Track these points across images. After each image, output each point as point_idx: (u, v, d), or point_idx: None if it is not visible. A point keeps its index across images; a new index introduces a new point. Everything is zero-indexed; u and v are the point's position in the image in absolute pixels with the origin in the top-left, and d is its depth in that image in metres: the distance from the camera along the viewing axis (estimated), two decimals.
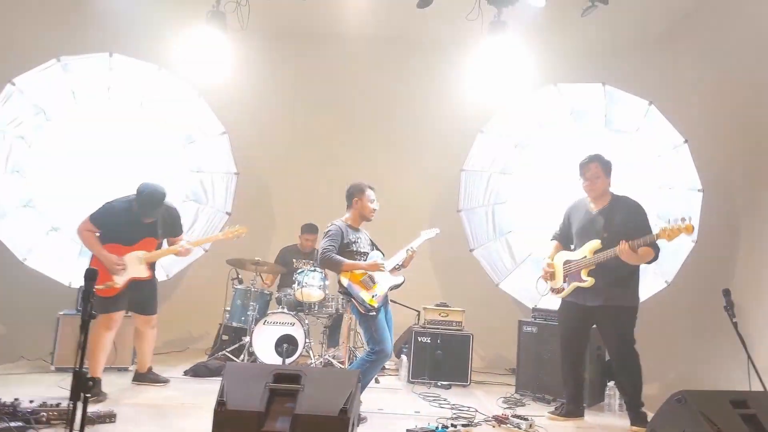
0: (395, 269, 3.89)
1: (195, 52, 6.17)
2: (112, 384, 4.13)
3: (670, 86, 5.95)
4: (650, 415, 3.27)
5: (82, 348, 2.13)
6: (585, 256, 3.91)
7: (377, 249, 4.01)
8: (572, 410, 3.99)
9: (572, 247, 4.12)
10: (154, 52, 5.69)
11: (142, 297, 4.09)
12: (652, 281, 5.13)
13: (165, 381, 4.33)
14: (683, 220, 3.63)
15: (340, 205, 4.19)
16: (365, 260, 3.84)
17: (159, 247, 4.14)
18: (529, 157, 5.69)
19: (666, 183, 5.33)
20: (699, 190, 5.04)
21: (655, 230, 3.78)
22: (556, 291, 4.08)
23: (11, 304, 5.36)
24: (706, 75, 5.81)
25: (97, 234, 3.96)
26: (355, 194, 3.96)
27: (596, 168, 3.96)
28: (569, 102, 5.44)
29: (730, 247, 5.83)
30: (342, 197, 4.05)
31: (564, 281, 4.02)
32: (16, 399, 3.01)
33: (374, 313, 3.72)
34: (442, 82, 6.53)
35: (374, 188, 4.01)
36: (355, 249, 3.84)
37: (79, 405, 2.06)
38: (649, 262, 3.94)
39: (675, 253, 5.16)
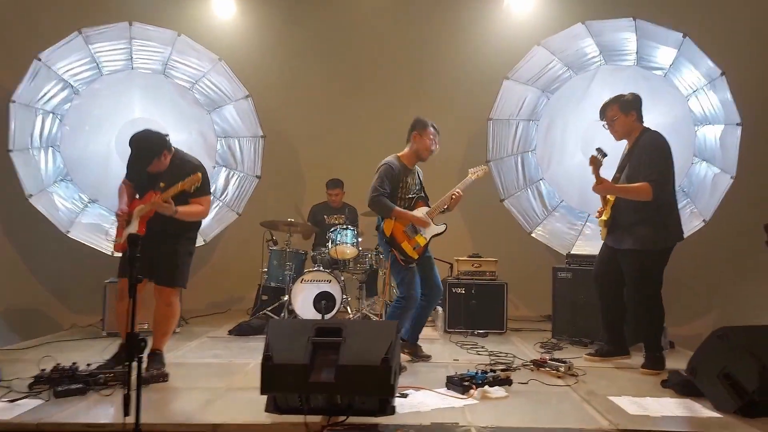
0: (440, 213, 3.88)
1: (213, 17, 6.19)
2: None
3: (705, 15, 5.65)
4: (689, 355, 3.25)
5: (132, 311, 2.22)
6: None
7: (424, 194, 3.97)
8: (610, 351, 3.96)
9: None
10: (172, 20, 5.69)
11: (153, 261, 3.35)
12: (689, 220, 5.03)
13: (156, 376, 3.34)
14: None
15: (367, 160, 4.18)
16: (408, 207, 3.82)
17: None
18: (558, 101, 5.53)
19: (702, 119, 5.14)
20: (738, 124, 4.85)
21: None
22: (601, 234, 3.98)
23: (60, 275, 5.62)
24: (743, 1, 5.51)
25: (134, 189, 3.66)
26: (416, 127, 3.83)
27: (614, 110, 3.82)
28: (599, 40, 5.22)
29: None
30: (369, 150, 4.02)
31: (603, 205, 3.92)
32: (74, 363, 3.18)
33: (413, 265, 3.76)
34: (466, 30, 6.37)
35: (438, 129, 3.88)
36: (401, 195, 3.80)
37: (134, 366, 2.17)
38: (653, 200, 3.65)
39: (713, 191, 5.04)
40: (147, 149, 3.43)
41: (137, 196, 3.62)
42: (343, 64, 6.49)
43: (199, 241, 5.46)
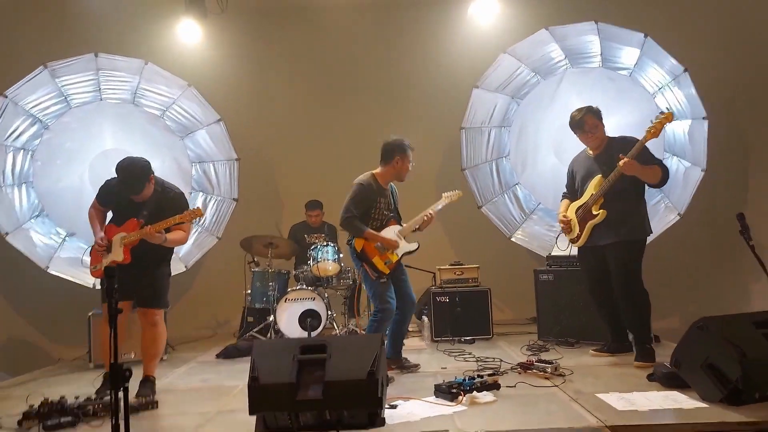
0: (412, 233, 3.92)
1: (179, 43, 6.19)
2: None
3: (665, 15, 5.84)
4: (671, 348, 3.31)
5: (114, 341, 2.21)
6: (592, 194, 3.95)
7: (397, 212, 4.01)
8: (617, 347, 4.09)
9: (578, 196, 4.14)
10: (138, 48, 5.70)
11: (136, 285, 3.52)
12: (664, 215, 5.15)
13: (146, 402, 3.32)
14: (662, 113, 3.74)
15: (344, 176, 4.21)
16: (382, 225, 3.85)
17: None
18: (528, 106, 5.63)
19: None
20: (704, 118, 4.99)
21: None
22: (574, 241, 4.12)
23: (44, 310, 5.54)
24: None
25: (108, 213, 3.77)
26: (397, 152, 3.84)
27: (593, 119, 3.98)
28: (563, 45, 5.35)
29: (740, 172, 5.82)
30: (345, 166, 4.04)
31: (579, 228, 4.05)
32: (62, 397, 3.13)
33: (384, 280, 3.79)
34: (433, 42, 6.47)
35: (414, 149, 3.92)
36: (373, 215, 3.83)
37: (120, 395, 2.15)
38: (660, 184, 3.91)
39: (685, 185, 5.16)
40: (137, 175, 3.49)
41: (110, 222, 3.68)
42: (313, 80, 6.54)
43: (181, 268, 5.49)
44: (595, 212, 3.93)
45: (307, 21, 6.50)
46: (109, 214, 3.78)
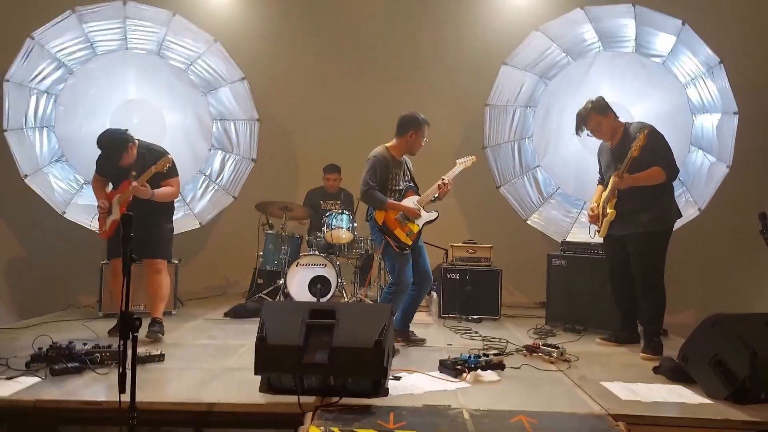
0: (431, 202, 3.91)
1: None
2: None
3: (703, 2, 5.62)
4: (681, 342, 3.28)
5: (126, 290, 2.22)
6: (609, 190, 3.93)
7: (414, 183, 3.99)
8: (625, 337, 4.07)
9: None
10: (167, 1, 5.61)
11: (139, 239, 3.76)
12: (684, 209, 5.03)
13: (154, 338, 3.85)
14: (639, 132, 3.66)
15: (363, 145, 4.17)
16: (399, 197, 3.85)
17: None
18: (556, 88, 5.50)
19: (700, 107, 5.13)
20: (735, 113, 4.85)
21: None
22: (599, 231, 4.09)
23: (57, 255, 5.62)
24: None
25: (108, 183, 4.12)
26: (412, 126, 3.83)
27: (595, 117, 3.91)
28: (597, 26, 5.19)
29: (765, 170, 5.67)
30: (365, 136, 4.00)
31: (601, 221, 4.02)
32: (70, 342, 3.20)
33: (407, 251, 3.78)
34: (464, 14, 6.32)
35: (429, 125, 3.89)
36: (390, 186, 3.84)
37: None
38: (668, 182, 3.84)
39: (708, 180, 5.06)
40: (114, 146, 3.86)
41: (110, 188, 4.09)
42: (340, 48, 6.44)
43: (195, 224, 5.53)
44: (608, 210, 3.91)
45: None
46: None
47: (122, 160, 3.87)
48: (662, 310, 3.86)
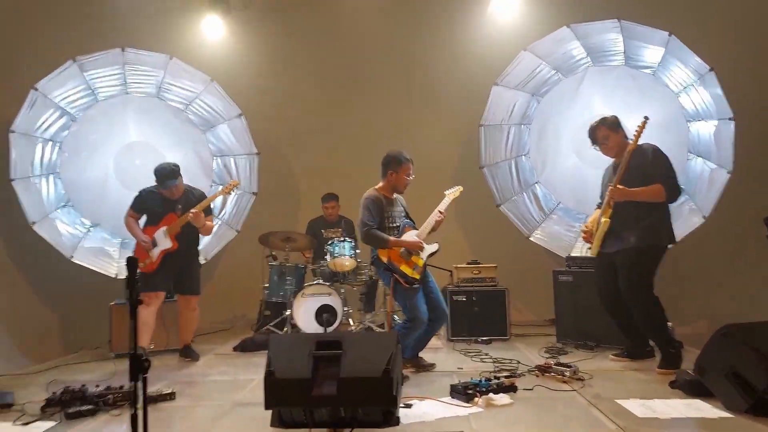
0: (428, 235, 3.93)
1: (203, 39, 6.29)
2: (168, 365, 4.37)
3: (690, 13, 5.70)
4: (696, 353, 3.24)
5: (134, 332, 2.24)
6: (605, 202, 3.93)
7: (409, 218, 4.02)
8: (637, 353, 4.02)
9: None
10: (164, 43, 5.76)
11: (180, 276, 4.49)
12: (688, 218, 5.04)
13: (195, 358, 4.54)
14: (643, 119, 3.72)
15: (363, 172, 4.22)
16: (397, 234, 3.88)
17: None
18: (548, 104, 5.57)
19: (694, 114, 5.17)
20: (730, 119, 4.87)
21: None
22: (590, 249, 4.10)
23: (67, 300, 5.64)
24: None
25: (141, 220, 4.55)
26: (390, 166, 3.90)
27: (602, 130, 3.96)
28: (585, 43, 5.27)
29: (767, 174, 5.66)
30: (364, 162, 4.04)
31: (594, 237, 4.01)
32: (83, 385, 3.22)
33: (417, 286, 3.78)
34: (453, 37, 6.43)
35: (413, 161, 3.94)
36: (388, 224, 3.88)
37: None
38: (668, 201, 3.83)
39: (710, 187, 5.05)
40: (173, 175, 4.37)
41: (144, 226, 4.50)
42: (335, 76, 6.55)
43: (201, 260, 5.55)
44: (603, 219, 3.90)
45: (328, 18, 6.52)
46: (141, 221, 4.56)
47: (174, 188, 4.37)
48: (662, 322, 3.79)
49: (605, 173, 4.20)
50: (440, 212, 3.93)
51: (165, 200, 4.45)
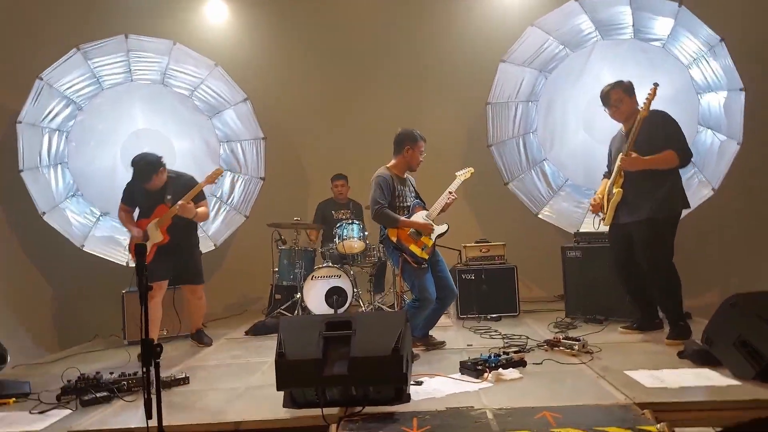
0: (438, 215, 3.92)
1: (206, 23, 6.26)
2: (180, 349, 4.44)
3: None
4: (703, 325, 3.25)
5: (145, 318, 2.28)
6: (616, 170, 3.87)
7: (420, 199, 4.02)
8: (647, 325, 4.04)
9: None
10: (167, 29, 5.75)
11: (180, 267, 4.31)
12: (698, 190, 5.00)
13: (208, 343, 4.53)
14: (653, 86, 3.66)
15: (369, 153, 4.20)
16: (407, 214, 3.88)
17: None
18: (556, 80, 5.50)
19: (705, 87, 5.09)
20: (741, 90, 4.80)
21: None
22: (603, 220, 4.06)
23: (80, 288, 5.74)
24: None
25: (135, 213, 4.34)
26: (407, 142, 3.87)
27: (617, 93, 3.90)
28: (593, 16, 5.18)
29: None
30: (370, 143, 4.02)
31: (606, 207, 3.99)
32: (98, 372, 3.28)
33: (425, 266, 3.79)
34: (459, 15, 6.35)
35: (426, 140, 3.93)
36: (398, 204, 3.86)
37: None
38: (680, 166, 3.80)
39: (720, 159, 5.00)
40: (148, 167, 4.07)
41: (138, 219, 4.28)
42: (340, 58, 6.50)
43: (210, 246, 5.61)
44: (615, 189, 3.87)
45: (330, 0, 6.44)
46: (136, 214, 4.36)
47: (152, 182, 4.09)
48: (677, 295, 3.79)
49: (612, 142, 4.16)
50: (450, 193, 3.93)
51: (150, 192, 4.17)
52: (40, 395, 3.21)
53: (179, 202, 4.06)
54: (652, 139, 3.71)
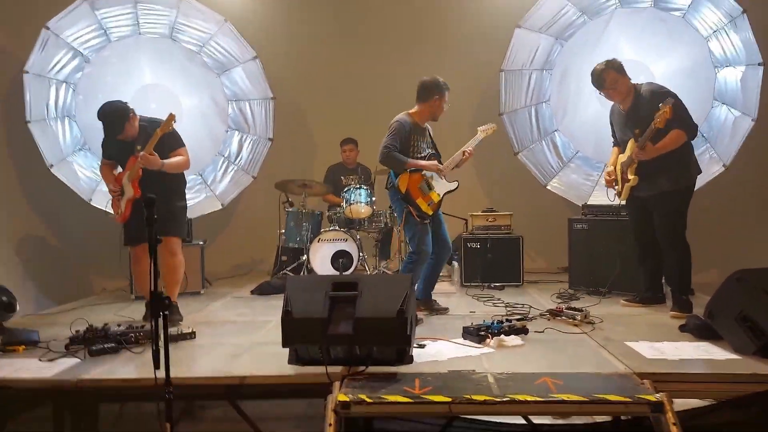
0: (451, 170, 3.91)
1: None
2: (187, 306, 4.43)
3: None
4: (706, 301, 3.26)
5: (154, 272, 2.29)
6: (628, 156, 3.89)
7: (436, 151, 3.98)
8: (649, 298, 4.07)
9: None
10: None
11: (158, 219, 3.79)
12: (708, 166, 4.95)
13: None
14: (663, 105, 3.55)
15: (378, 117, 4.15)
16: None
17: None
18: (572, 49, 5.38)
19: (723, 60, 4.98)
20: (759, 64, 4.69)
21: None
22: (618, 194, 4.07)
23: (87, 242, 5.78)
24: None
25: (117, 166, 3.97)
26: (435, 91, 3.80)
27: (612, 74, 3.83)
28: None
29: None
30: (380, 107, 3.96)
31: (621, 185, 4.02)
32: (105, 324, 3.32)
33: (428, 221, 3.80)
34: None
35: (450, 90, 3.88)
36: (412, 154, 3.81)
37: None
38: (688, 141, 3.77)
39: (733, 135, 4.93)
40: (115, 117, 3.72)
41: (119, 170, 3.92)
42: (351, 19, 6.37)
43: (217, 205, 5.61)
44: (629, 176, 3.89)
45: None
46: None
47: (124, 131, 3.72)
48: (688, 268, 3.84)
49: (611, 115, 4.13)
50: (469, 149, 3.90)
51: (122, 143, 3.79)
52: (49, 344, 3.26)
53: (140, 153, 3.64)
54: (654, 113, 3.63)
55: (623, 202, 4.12)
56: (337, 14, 6.36)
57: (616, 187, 4.06)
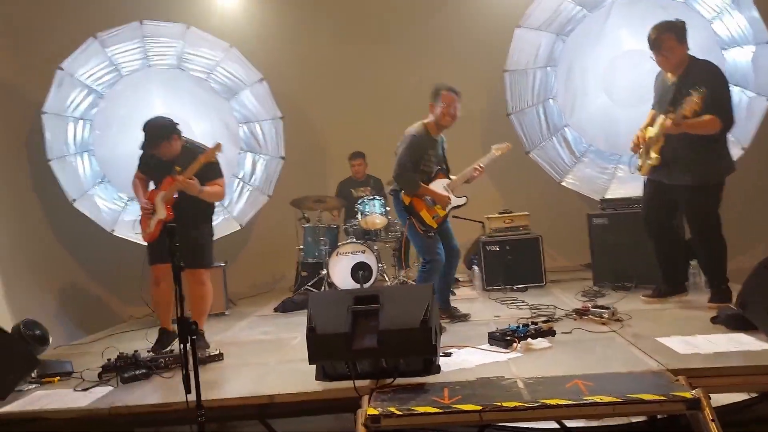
0: (460, 186, 3.88)
1: (218, 5, 6.21)
2: (212, 328, 4.49)
3: None
4: (737, 290, 3.19)
5: (179, 298, 2.33)
6: (656, 132, 3.67)
7: (446, 164, 3.95)
8: (668, 290, 3.93)
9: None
10: (179, 13, 5.73)
11: (181, 244, 3.43)
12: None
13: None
14: (694, 91, 3.31)
15: (387, 128, 4.16)
16: (428, 180, 3.81)
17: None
18: (574, 43, 5.35)
19: (730, 41, 4.91)
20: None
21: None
22: (640, 169, 3.86)
23: (112, 272, 5.89)
24: None
25: (150, 182, 3.90)
26: (431, 98, 3.72)
27: (671, 40, 3.57)
28: None
29: None
30: (388, 118, 3.94)
31: (643, 160, 3.81)
32: (135, 351, 3.39)
33: (432, 234, 3.76)
34: None
35: (457, 90, 3.76)
36: (422, 167, 3.77)
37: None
38: (722, 132, 3.59)
39: (749, 116, 4.85)
40: (158, 132, 3.61)
41: (152, 187, 3.82)
42: (354, 31, 6.40)
43: (236, 227, 5.68)
44: (651, 155, 3.70)
45: None
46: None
47: (162, 149, 3.62)
48: (723, 259, 3.68)
49: (656, 82, 3.86)
50: (480, 167, 3.84)
51: (161, 161, 3.67)
52: (82, 374, 3.34)
53: (178, 176, 3.53)
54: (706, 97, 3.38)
55: (644, 178, 3.90)
56: (341, 26, 6.38)
57: (639, 157, 3.84)
